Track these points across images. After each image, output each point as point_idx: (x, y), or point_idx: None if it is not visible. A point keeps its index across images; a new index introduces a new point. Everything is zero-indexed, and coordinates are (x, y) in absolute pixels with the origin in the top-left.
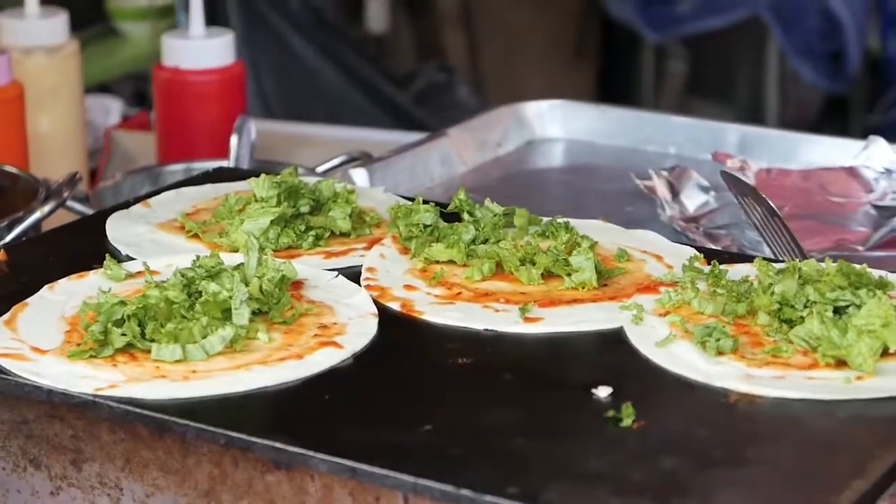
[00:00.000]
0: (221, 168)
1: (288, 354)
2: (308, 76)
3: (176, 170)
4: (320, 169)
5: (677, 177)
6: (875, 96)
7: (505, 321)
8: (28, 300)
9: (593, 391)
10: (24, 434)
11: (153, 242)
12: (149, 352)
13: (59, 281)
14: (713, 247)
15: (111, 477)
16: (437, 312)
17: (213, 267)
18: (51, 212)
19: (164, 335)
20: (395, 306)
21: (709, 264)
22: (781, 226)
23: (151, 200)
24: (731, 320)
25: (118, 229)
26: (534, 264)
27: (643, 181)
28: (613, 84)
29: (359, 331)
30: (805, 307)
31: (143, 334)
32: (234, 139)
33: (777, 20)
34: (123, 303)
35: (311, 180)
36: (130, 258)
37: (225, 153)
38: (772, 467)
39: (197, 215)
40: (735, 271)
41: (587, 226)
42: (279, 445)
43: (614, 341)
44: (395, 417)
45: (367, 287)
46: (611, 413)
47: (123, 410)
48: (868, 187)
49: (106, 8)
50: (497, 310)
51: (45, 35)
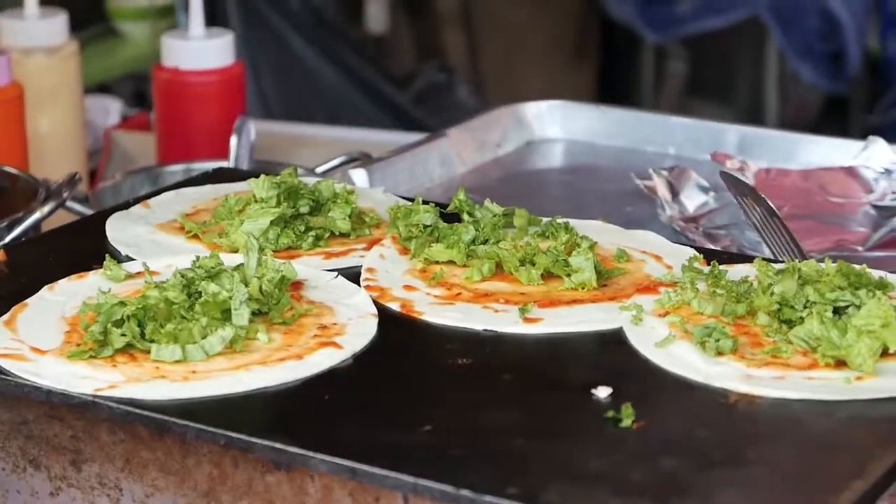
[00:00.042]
0: (221, 169)
1: (288, 355)
2: (308, 76)
3: (175, 170)
4: (320, 169)
5: (677, 177)
6: (875, 97)
7: (504, 321)
8: (28, 300)
9: (593, 392)
10: (24, 434)
11: (153, 243)
12: (148, 352)
13: (59, 281)
14: (713, 247)
15: (111, 477)
16: (437, 313)
17: (213, 267)
18: (50, 212)
19: (164, 336)
20: (395, 307)
21: (708, 265)
22: (781, 226)
23: (151, 201)
24: (731, 321)
25: (118, 230)
26: (533, 265)
27: (643, 181)
28: (613, 84)
29: (358, 331)
30: (805, 307)
31: (143, 335)
32: (234, 140)
33: (777, 20)
34: (123, 303)
35: (311, 181)
36: (130, 259)
37: (224, 154)
38: (771, 468)
39: (197, 216)
40: (734, 272)
41: (587, 226)
42: (279, 446)
43: (614, 342)
44: (395, 418)
45: (367, 287)
46: (610, 413)
47: (123, 411)
48: (868, 187)
49: (105, 8)
50: (497, 310)
51: (45, 35)
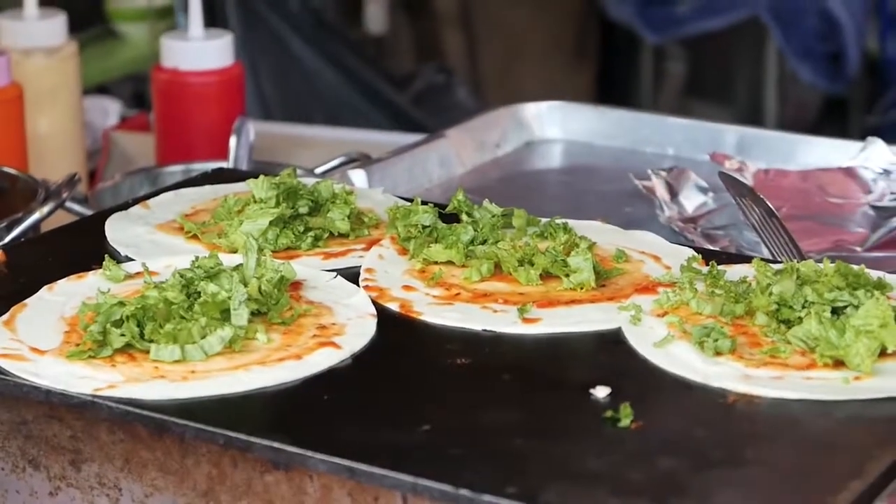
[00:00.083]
0: (220, 169)
1: (287, 355)
2: (307, 77)
3: (175, 171)
4: (319, 170)
5: (676, 177)
6: (874, 97)
7: (503, 322)
8: (27, 301)
9: (591, 391)
10: (23, 434)
11: (152, 243)
12: (147, 352)
13: (58, 281)
14: (711, 247)
15: (110, 477)
16: (436, 313)
17: (212, 268)
18: (50, 213)
19: (163, 336)
20: (394, 307)
21: (707, 265)
22: (779, 226)
23: (150, 201)
24: (730, 321)
25: (117, 230)
26: (532, 265)
27: (642, 182)
28: (613, 85)
29: (357, 331)
30: (803, 308)
31: (142, 335)
32: (233, 140)
33: (776, 21)
34: (122, 303)
35: (310, 181)
36: (129, 259)
37: (224, 154)
38: (770, 468)
39: (196, 216)
40: (733, 272)
41: (585, 226)
42: (278, 445)
43: (612, 342)
44: (394, 418)
45: (366, 288)
46: (609, 413)
47: (122, 411)
48: (866, 188)
49: (105, 9)
50: (495, 310)
51: (44, 36)
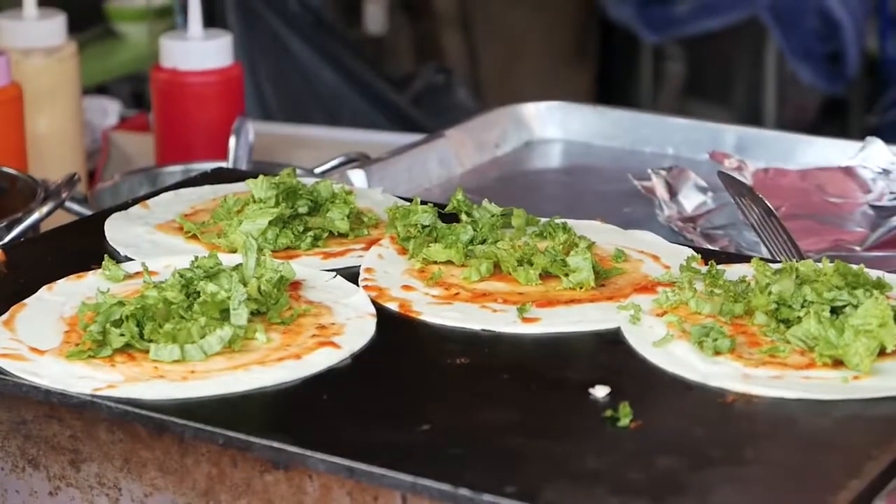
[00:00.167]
0: (220, 169)
1: (286, 354)
2: (306, 78)
3: (174, 171)
4: (318, 170)
5: (675, 177)
6: (873, 97)
7: (503, 321)
8: (26, 300)
9: (591, 391)
10: (23, 434)
11: (152, 243)
12: (147, 352)
13: (58, 281)
14: (711, 247)
15: (110, 477)
16: (435, 313)
17: (212, 267)
18: (49, 213)
19: (163, 335)
20: (394, 306)
21: (706, 264)
22: (779, 226)
23: (150, 201)
24: (729, 320)
25: (117, 230)
26: (531, 265)
27: (641, 182)
28: (612, 85)
29: (357, 331)
30: (802, 307)
31: (142, 335)
32: (233, 140)
33: (776, 21)
34: (122, 303)
35: (310, 181)
36: (129, 259)
37: (223, 154)
38: (769, 467)
39: (195, 216)
40: (732, 271)
41: (585, 226)
42: (277, 445)
43: (612, 341)
44: (394, 417)
45: (366, 287)
46: (608, 413)
47: (122, 410)
48: (865, 187)
49: (104, 9)
50: (495, 310)
51: (44, 36)
